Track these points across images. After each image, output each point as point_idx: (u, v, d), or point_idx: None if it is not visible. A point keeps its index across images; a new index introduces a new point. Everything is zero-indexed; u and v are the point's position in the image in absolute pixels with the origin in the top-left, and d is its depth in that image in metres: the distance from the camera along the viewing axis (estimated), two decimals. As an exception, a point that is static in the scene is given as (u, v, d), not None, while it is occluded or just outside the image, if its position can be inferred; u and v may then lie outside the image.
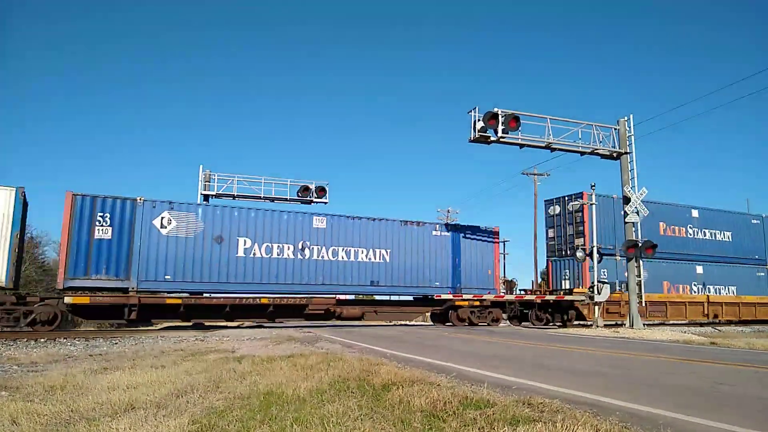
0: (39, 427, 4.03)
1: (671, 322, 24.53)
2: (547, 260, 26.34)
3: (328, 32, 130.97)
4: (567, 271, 24.75)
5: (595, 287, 20.18)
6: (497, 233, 22.21)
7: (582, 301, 21.53)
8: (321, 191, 25.57)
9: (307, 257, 18.81)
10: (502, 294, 22.11)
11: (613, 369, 7.72)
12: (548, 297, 21.89)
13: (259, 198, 25.30)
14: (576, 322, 22.32)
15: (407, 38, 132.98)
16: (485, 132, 17.35)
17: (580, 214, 24.04)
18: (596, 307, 20.25)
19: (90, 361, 8.59)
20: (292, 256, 18.59)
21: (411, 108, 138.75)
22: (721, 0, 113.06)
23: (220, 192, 25.24)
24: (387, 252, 20.14)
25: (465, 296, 20.67)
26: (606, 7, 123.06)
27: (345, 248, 19.46)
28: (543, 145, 18.41)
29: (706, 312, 24.92)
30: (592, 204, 21.44)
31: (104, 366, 7.56)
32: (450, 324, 21.04)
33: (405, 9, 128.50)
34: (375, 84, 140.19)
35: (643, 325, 19.07)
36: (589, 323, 21.32)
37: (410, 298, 21.56)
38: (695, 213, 27.12)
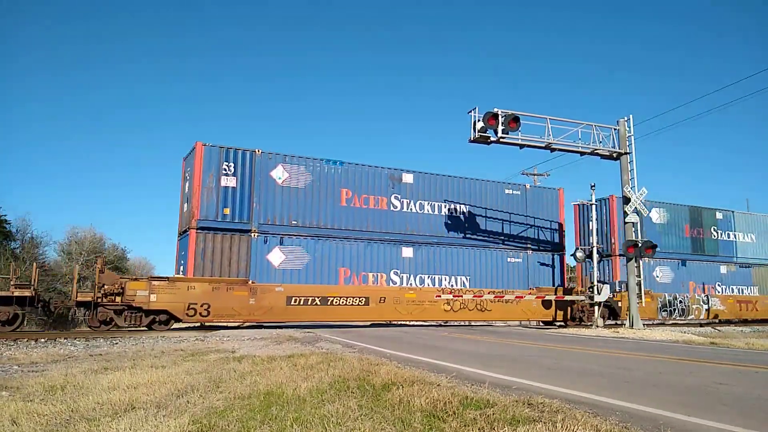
0: (39, 427, 4.04)
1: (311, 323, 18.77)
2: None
3: (327, 34, 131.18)
4: (183, 252, 17.60)
5: (595, 287, 20.21)
6: None
7: (582, 300, 21.51)
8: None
9: None
10: None
11: (613, 369, 7.71)
12: (549, 297, 21.67)
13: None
14: (576, 323, 22.18)
15: (407, 39, 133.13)
16: (485, 132, 17.35)
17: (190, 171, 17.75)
18: (596, 307, 20.25)
19: (90, 361, 8.59)
20: None
21: (411, 108, 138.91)
22: (721, 0, 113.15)
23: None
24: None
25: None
26: (606, 7, 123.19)
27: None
28: (543, 145, 18.40)
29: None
30: (592, 204, 21.45)
31: (104, 366, 7.56)
32: None
33: (405, 10, 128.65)
34: (375, 84, 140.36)
35: (643, 325, 19.07)
36: (589, 323, 21.29)
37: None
38: (408, 178, 20.27)
